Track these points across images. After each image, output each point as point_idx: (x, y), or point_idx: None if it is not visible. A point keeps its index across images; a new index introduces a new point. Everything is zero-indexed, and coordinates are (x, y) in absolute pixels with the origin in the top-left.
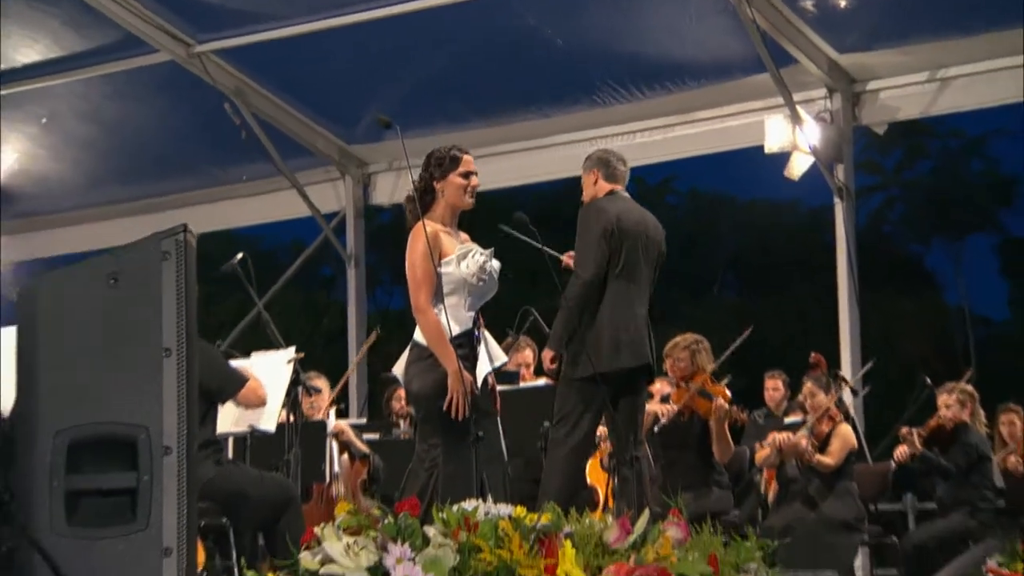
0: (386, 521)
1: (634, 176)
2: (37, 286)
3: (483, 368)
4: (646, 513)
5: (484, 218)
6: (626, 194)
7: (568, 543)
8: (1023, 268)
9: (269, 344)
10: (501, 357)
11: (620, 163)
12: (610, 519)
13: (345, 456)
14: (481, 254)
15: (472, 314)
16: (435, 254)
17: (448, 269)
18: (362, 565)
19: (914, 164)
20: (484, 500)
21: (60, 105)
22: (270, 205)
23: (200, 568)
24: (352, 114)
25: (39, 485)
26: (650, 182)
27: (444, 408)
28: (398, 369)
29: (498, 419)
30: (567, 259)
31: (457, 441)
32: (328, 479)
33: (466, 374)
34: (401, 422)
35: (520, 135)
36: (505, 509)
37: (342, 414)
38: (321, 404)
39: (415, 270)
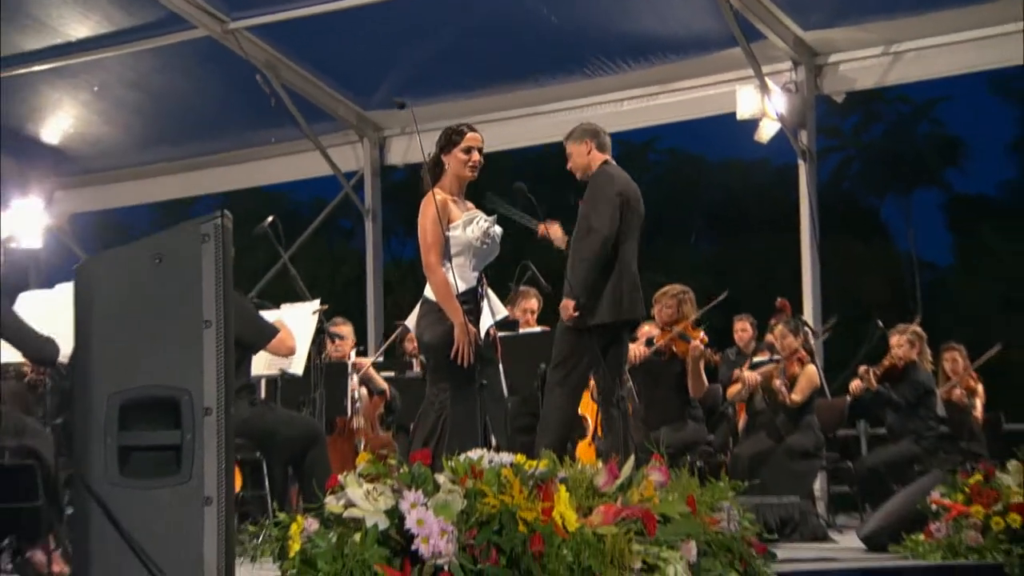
0: (402, 470)
1: (620, 138)
2: (92, 266)
3: (486, 321)
4: (631, 460)
5: (488, 177)
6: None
7: (563, 487)
8: (965, 220)
9: (296, 295)
10: (502, 311)
11: (606, 135)
12: (600, 464)
13: (364, 391)
14: (485, 220)
15: (476, 273)
16: (444, 220)
17: (455, 233)
18: (380, 508)
19: (869, 127)
20: (487, 439)
21: (110, 75)
22: (296, 165)
23: (237, 490)
24: (369, 84)
25: (95, 441)
26: (635, 142)
27: (451, 356)
28: (410, 321)
29: (499, 366)
30: (543, 229)
31: (463, 386)
32: (350, 412)
33: (471, 326)
34: (413, 361)
35: (519, 103)
36: (507, 457)
37: (362, 354)
38: (344, 347)
39: (426, 234)
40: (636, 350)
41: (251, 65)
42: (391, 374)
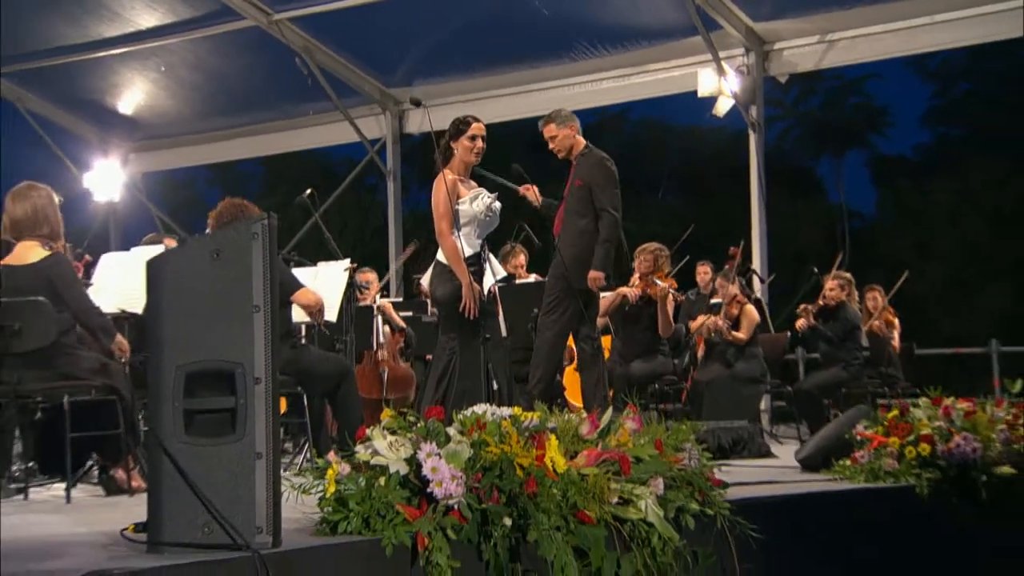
0: (419, 424)
1: (597, 109)
2: (162, 259)
3: (488, 280)
4: (609, 411)
5: (490, 146)
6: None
7: (552, 436)
8: (887, 176)
9: (329, 254)
10: (501, 272)
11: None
12: (583, 415)
13: (387, 328)
14: (488, 196)
15: (480, 241)
16: (453, 196)
17: (463, 207)
18: (401, 457)
19: (807, 100)
20: (489, 380)
21: (174, 58)
22: (329, 133)
23: (282, 412)
24: (390, 65)
25: (165, 405)
26: (611, 112)
27: (460, 310)
28: (425, 279)
29: (499, 316)
30: (523, 190)
31: (469, 334)
32: (375, 346)
33: (475, 284)
34: (428, 303)
35: (516, 82)
36: (506, 411)
37: (385, 296)
38: (370, 292)
39: (438, 207)
40: (623, 291)
41: (291, 50)
42: (409, 313)
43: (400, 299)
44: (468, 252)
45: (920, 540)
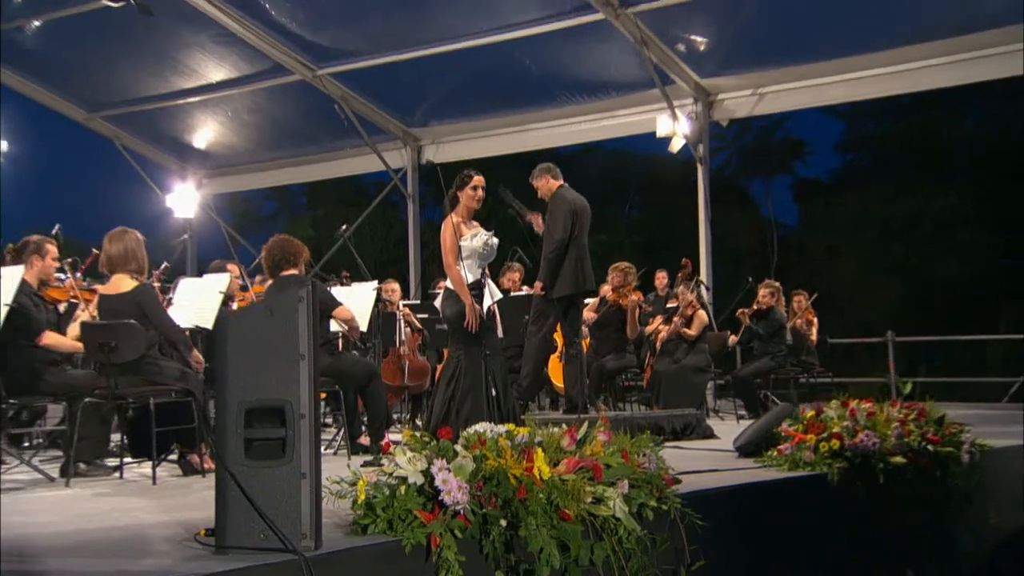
0: (432, 443)
1: (579, 147)
2: (227, 316)
3: (487, 302)
4: (585, 424)
5: (491, 174)
6: (568, 187)
7: (539, 449)
8: (806, 195)
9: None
10: (497, 294)
11: (558, 168)
12: (564, 427)
13: (408, 328)
14: (485, 234)
15: (480, 270)
16: (457, 235)
17: (465, 243)
18: (418, 470)
19: (743, 136)
20: (487, 384)
21: (237, 104)
22: (361, 163)
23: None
24: (410, 110)
25: (229, 435)
26: (588, 146)
27: (464, 326)
28: (437, 303)
29: (498, 331)
30: (531, 217)
31: (472, 346)
32: (398, 344)
33: (476, 306)
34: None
35: (511, 123)
36: (501, 428)
37: (405, 298)
38: (394, 301)
39: (445, 244)
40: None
41: (330, 98)
42: (425, 316)
43: (418, 302)
44: (470, 279)
45: (831, 517)
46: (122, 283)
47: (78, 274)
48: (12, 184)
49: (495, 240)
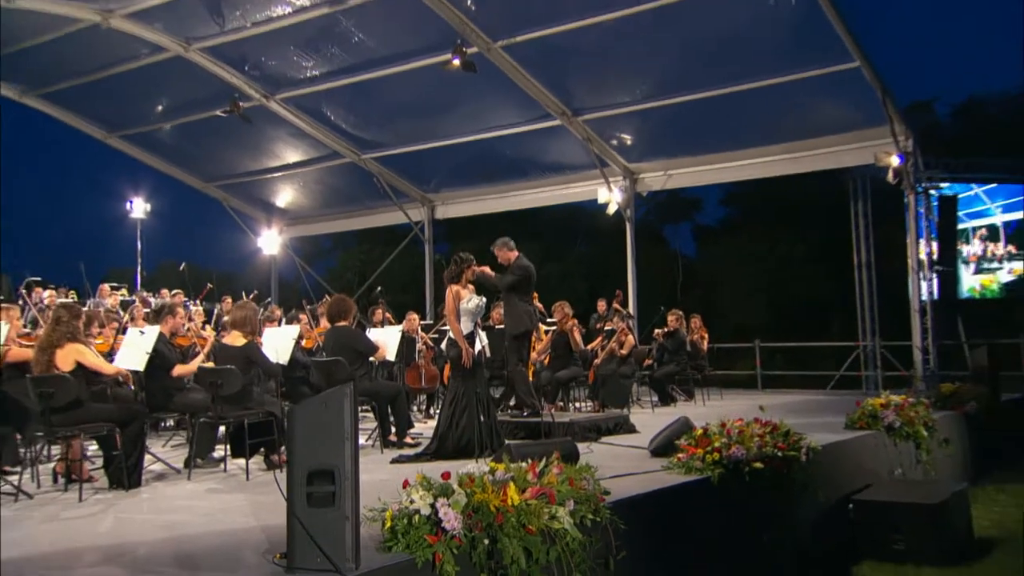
0: (438, 483)
1: (542, 206)
2: (295, 408)
3: (478, 347)
4: (544, 460)
5: (484, 228)
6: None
7: (512, 484)
8: (702, 236)
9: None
10: (485, 341)
11: (512, 241)
12: (527, 465)
13: (424, 346)
14: (477, 298)
15: (472, 324)
16: (457, 301)
17: (463, 306)
18: (427, 503)
19: (658, 196)
20: (478, 405)
21: (307, 177)
22: (392, 217)
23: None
24: (427, 180)
25: (297, 488)
26: (549, 205)
27: (462, 363)
28: (443, 345)
29: (483, 367)
30: (482, 270)
31: (468, 380)
32: (417, 357)
33: (470, 349)
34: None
35: (496, 190)
36: (485, 467)
37: (422, 321)
38: (413, 326)
39: (448, 307)
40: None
41: (370, 173)
42: (436, 336)
43: (431, 322)
44: (466, 331)
45: (714, 507)
46: (237, 339)
47: (198, 300)
48: (154, 231)
49: (484, 301)
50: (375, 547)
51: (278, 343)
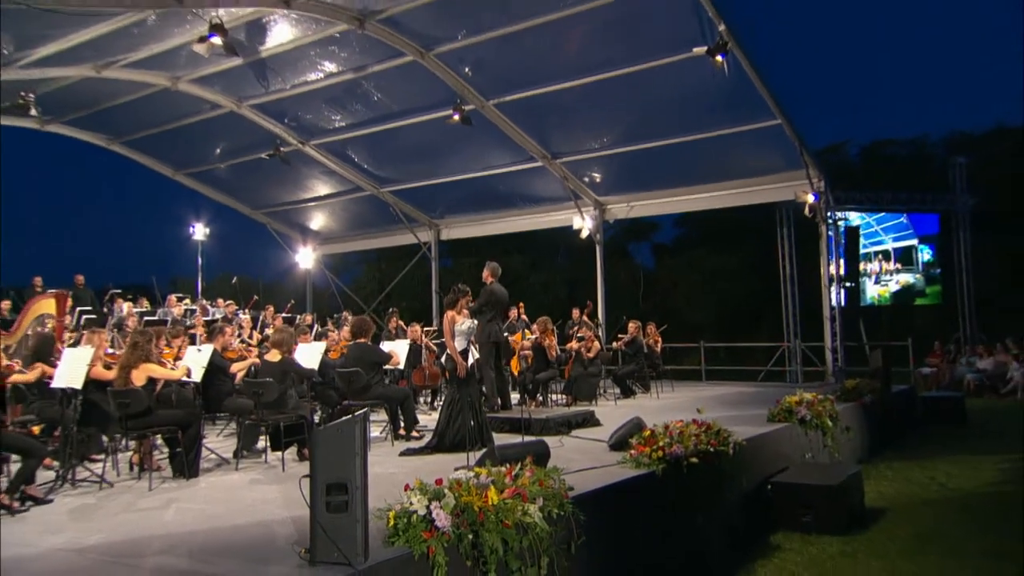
0: (431, 488)
1: (530, 231)
2: (318, 431)
3: (470, 360)
4: (519, 465)
5: (480, 249)
6: (498, 283)
7: (492, 487)
8: (661, 254)
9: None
10: (476, 355)
11: (498, 268)
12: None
13: (427, 351)
14: (469, 321)
15: (467, 342)
16: (453, 324)
17: (458, 328)
18: (423, 505)
19: (624, 223)
20: (470, 409)
21: (335, 206)
22: (403, 239)
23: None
24: (434, 208)
25: (318, 499)
26: (537, 230)
27: (458, 375)
28: (443, 359)
29: (476, 376)
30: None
31: (463, 387)
32: (423, 361)
33: (464, 363)
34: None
35: (493, 216)
36: (470, 474)
37: (427, 331)
38: (419, 335)
39: (447, 329)
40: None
41: (387, 202)
42: (439, 342)
43: (435, 328)
44: (460, 348)
45: (658, 496)
46: (275, 356)
47: (246, 308)
48: (212, 249)
49: (475, 324)
50: (381, 540)
51: (310, 355)
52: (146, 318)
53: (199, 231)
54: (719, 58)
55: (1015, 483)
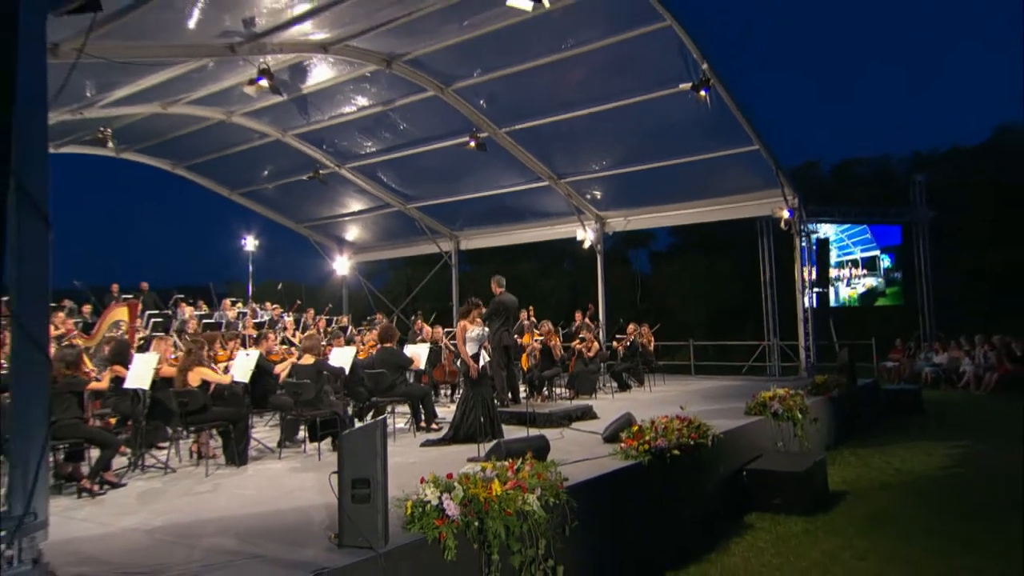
0: (443, 481)
1: (538, 245)
2: (346, 436)
3: (482, 362)
4: (521, 460)
5: (493, 257)
6: (507, 291)
7: (496, 480)
8: (656, 260)
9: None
10: (487, 358)
11: (503, 280)
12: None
13: (446, 349)
14: (480, 328)
15: (478, 346)
16: (464, 331)
17: (470, 335)
18: (437, 496)
19: (623, 234)
20: (485, 405)
21: (367, 220)
22: (427, 248)
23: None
24: (454, 222)
25: (345, 493)
26: (543, 242)
27: (471, 376)
28: (458, 362)
29: (487, 377)
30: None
31: (476, 387)
32: (443, 359)
33: (475, 366)
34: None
35: (506, 228)
36: (477, 467)
37: (447, 331)
38: (440, 336)
39: (460, 336)
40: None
41: (413, 217)
42: (455, 343)
43: (453, 329)
44: (472, 352)
45: (645, 485)
46: (309, 359)
47: (290, 311)
48: (260, 258)
49: (485, 331)
50: (400, 526)
51: (340, 360)
52: (204, 321)
53: (250, 242)
54: (703, 92)
55: (962, 466)
